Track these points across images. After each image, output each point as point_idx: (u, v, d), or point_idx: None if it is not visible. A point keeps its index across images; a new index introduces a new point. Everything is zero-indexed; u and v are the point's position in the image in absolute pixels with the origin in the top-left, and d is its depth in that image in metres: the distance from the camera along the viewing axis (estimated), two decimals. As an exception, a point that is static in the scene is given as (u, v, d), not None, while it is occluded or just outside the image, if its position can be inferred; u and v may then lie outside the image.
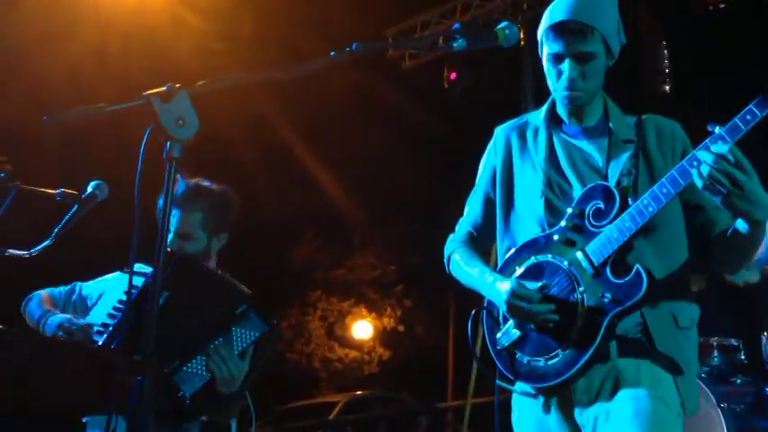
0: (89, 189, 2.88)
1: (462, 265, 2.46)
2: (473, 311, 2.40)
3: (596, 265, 2.15)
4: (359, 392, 13.01)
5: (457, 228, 2.57)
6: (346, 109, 15.40)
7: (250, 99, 13.39)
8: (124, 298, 2.82)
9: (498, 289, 2.26)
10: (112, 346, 2.61)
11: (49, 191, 2.88)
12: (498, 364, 2.34)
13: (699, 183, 1.99)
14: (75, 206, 2.85)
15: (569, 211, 2.24)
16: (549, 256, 2.24)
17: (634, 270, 2.10)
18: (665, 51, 8.47)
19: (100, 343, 2.63)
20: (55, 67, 10.59)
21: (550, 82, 2.33)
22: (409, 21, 10.02)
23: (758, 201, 1.99)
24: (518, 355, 2.26)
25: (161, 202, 2.87)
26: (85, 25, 10.45)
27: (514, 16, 9.24)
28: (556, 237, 2.25)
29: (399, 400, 12.48)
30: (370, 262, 18.46)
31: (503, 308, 2.25)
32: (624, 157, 2.26)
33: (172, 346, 2.69)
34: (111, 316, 2.79)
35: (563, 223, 2.25)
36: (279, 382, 16.84)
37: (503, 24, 2.04)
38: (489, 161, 2.50)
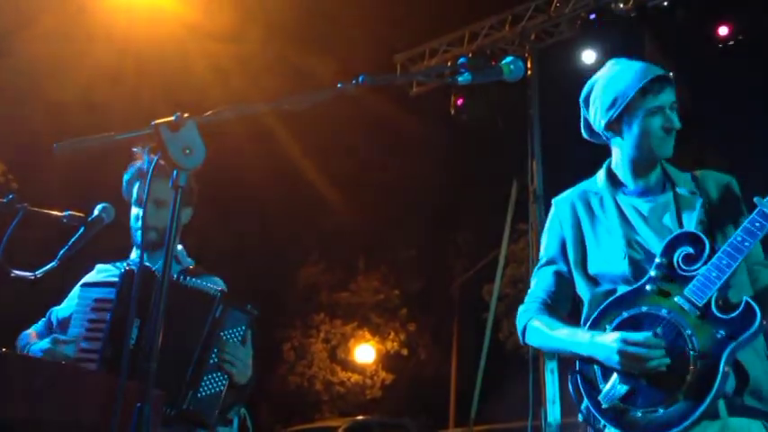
0: (96, 212, 2.88)
1: (546, 330, 2.41)
2: (569, 377, 2.33)
3: (700, 305, 2.15)
4: (359, 417, 12.92)
5: (527, 299, 2.55)
6: (353, 131, 15.48)
7: (259, 119, 13.47)
8: (93, 316, 2.73)
9: (602, 342, 2.22)
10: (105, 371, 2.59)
11: (56, 213, 2.89)
12: (608, 424, 2.24)
13: None
14: (82, 228, 2.86)
15: (657, 261, 2.25)
16: (644, 307, 2.22)
17: (743, 303, 2.12)
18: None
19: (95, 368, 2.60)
20: (68, 88, 10.69)
21: (655, 140, 2.36)
22: (417, 48, 10.11)
23: None
24: (631, 410, 2.18)
25: (126, 176, 2.98)
26: (98, 47, 10.57)
27: (522, 45, 9.30)
28: (648, 287, 2.24)
29: (400, 426, 12.39)
30: (374, 285, 18.42)
31: (612, 359, 2.19)
32: (696, 207, 2.33)
33: (177, 380, 2.64)
34: (88, 339, 2.70)
35: (653, 273, 2.25)
36: (280, 404, 16.76)
37: (508, 59, 2.10)
38: (555, 233, 2.52)
